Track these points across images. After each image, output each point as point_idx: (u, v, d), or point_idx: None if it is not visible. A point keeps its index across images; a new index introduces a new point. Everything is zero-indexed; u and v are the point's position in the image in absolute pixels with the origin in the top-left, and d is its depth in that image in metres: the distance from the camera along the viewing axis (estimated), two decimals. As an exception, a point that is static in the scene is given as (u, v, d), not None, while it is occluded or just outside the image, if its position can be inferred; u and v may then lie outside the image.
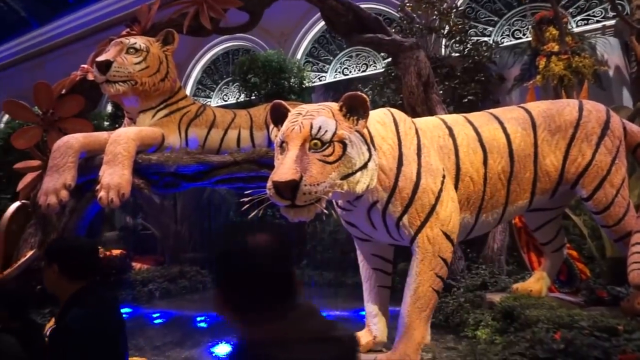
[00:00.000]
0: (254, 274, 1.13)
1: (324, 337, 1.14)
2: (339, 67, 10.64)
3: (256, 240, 1.16)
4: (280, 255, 1.19)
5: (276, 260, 1.17)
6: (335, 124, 2.88)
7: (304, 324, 1.14)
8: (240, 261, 1.15)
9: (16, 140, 5.94)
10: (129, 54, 5.20)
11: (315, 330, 1.14)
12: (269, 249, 1.17)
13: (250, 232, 1.20)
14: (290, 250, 1.27)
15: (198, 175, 5.08)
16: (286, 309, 1.14)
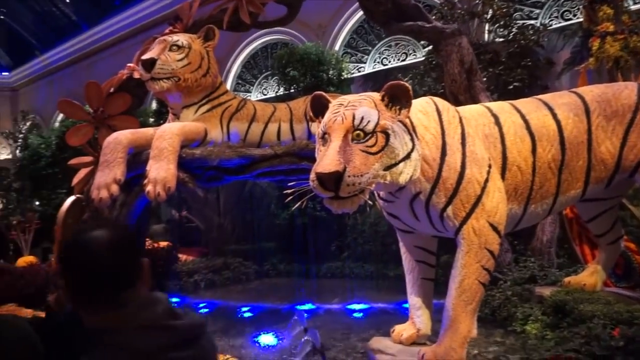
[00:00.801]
0: (87, 268, 1.22)
1: (161, 325, 1.17)
2: (378, 57, 10.49)
3: (89, 238, 1.24)
4: (114, 251, 1.24)
5: (109, 255, 1.23)
6: (378, 114, 2.84)
7: (143, 313, 1.18)
8: (76, 257, 1.25)
9: (70, 138, 6.24)
10: (172, 51, 5.32)
11: (152, 318, 1.18)
12: (102, 245, 1.23)
13: (86, 231, 1.28)
14: (128, 246, 1.31)
15: (240, 169, 5.15)
16: (125, 298, 1.20)
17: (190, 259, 8.53)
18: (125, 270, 1.25)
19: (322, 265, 8.23)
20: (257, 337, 4.78)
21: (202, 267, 7.88)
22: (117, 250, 1.25)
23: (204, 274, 7.68)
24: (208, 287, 7.54)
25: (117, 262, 1.24)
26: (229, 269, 8.11)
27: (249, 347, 4.55)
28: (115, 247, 1.25)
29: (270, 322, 5.27)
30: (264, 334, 4.85)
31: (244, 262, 8.43)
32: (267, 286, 7.91)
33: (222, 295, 7.08)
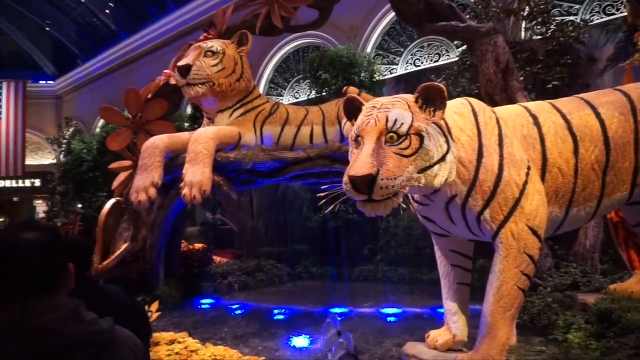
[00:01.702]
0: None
1: (53, 329, 1.16)
2: (411, 59, 10.39)
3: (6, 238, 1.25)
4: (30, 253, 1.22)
5: (23, 257, 1.22)
6: (412, 116, 2.80)
7: (43, 315, 1.17)
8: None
9: (110, 143, 6.48)
10: (206, 57, 5.45)
11: (49, 322, 1.17)
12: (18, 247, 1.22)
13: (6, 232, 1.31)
14: (48, 250, 1.26)
15: (273, 172, 5.21)
16: (36, 301, 1.19)
17: (224, 261, 8.66)
18: (41, 274, 1.22)
19: (355, 269, 8.18)
20: (291, 339, 4.80)
21: (236, 269, 7.98)
22: (33, 252, 1.22)
23: (237, 276, 7.77)
24: (242, 289, 7.63)
25: (30, 265, 1.22)
26: (263, 271, 8.18)
27: (283, 349, 4.56)
28: (31, 249, 1.23)
29: (304, 324, 5.27)
30: (297, 336, 4.86)
31: (277, 264, 8.49)
32: (300, 289, 7.93)
33: (255, 297, 7.16)
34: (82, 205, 13.48)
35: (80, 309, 1.24)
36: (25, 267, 1.21)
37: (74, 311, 1.22)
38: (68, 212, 13.31)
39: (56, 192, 14.77)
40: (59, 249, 1.30)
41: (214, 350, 3.77)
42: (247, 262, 8.41)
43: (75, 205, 13.73)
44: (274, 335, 5.02)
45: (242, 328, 5.33)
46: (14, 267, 1.20)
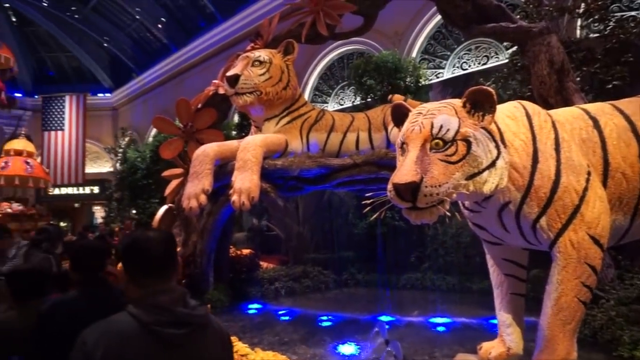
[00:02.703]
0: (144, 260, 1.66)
1: (166, 307, 1.52)
2: (457, 62, 10.17)
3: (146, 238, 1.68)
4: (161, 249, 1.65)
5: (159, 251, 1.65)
6: (458, 121, 2.73)
7: (160, 295, 1.55)
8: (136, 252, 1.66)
9: (163, 152, 6.74)
10: (254, 66, 5.57)
11: (164, 301, 1.53)
12: (154, 244, 1.67)
13: (143, 234, 1.72)
14: (171, 247, 1.70)
15: (319, 179, 5.23)
16: (160, 283, 1.61)
17: (271, 266, 8.77)
18: (163, 262, 1.63)
19: (402, 276, 8.05)
20: (338, 346, 4.77)
21: (283, 274, 8.06)
22: (159, 245, 1.63)
23: (284, 282, 7.84)
24: (288, 294, 7.68)
25: (158, 254, 1.62)
26: (309, 277, 8.21)
27: (330, 356, 4.54)
28: (158, 243, 1.64)
29: (350, 332, 5.23)
30: (344, 343, 4.83)
31: (322, 270, 8.49)
32: (346, 296, 7.90)
33: (302, 303, 7.18)
34: (136, 211, 14.12)
35: (186, 295, 1.60)
36: (154, 256, 1.60)
37: (181, 296, 1.57)
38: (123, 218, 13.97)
39: (112, 199, 15.55)
40: (174, 244, 1.70)
41: (264, 355, 3.81)
42: (293, 268, 8.46)
43: (130, 211, 14.40)
44: (321, 341, 5.01)
45: (289, 334, 5.35)
46: (147, 256, 1.59)
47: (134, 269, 1.60)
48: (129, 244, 1.65)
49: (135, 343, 1.45)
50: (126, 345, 1.45)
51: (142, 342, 1.45)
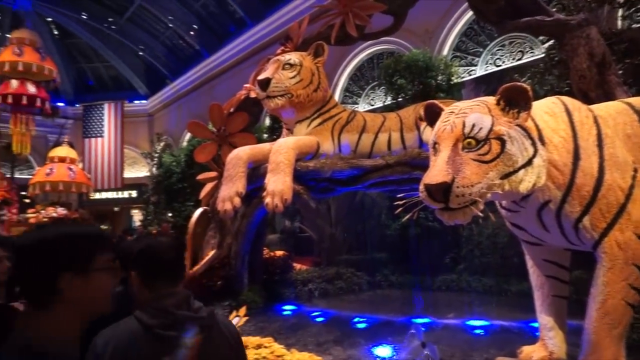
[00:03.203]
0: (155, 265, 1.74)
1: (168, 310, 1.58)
2: (491, 59, 9.94)
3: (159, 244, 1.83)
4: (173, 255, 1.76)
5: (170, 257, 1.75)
6: (492, 119, 2.67)
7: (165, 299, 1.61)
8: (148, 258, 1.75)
9: (197, 155, 6.90)
10: (284, 69, 5.62)
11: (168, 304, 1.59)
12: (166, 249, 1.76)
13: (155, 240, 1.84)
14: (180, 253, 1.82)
15: (352, 180, 5.23)
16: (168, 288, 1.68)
17: (304, 268, 8.80)
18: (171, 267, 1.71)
19: (436, 278, 7.93)
20: (373, 348, 4.74)
21: (316, 276, 8.07)
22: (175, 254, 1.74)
23: (317, 283, 7.85)
24: (322, 296, 7.68)
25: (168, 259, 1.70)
26: (342, 278, 8.19)
27: (365, 358, 4.52)
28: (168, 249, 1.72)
29: (385, 334, 5.19)
30: (379, 345, 4.79)
31: (356, 272, 8.46)
32: (379, 297, 7.84)
33: (335, 304, 7.17)
34: (172, 214, 14.47)
35: (190, 298, 1.65)
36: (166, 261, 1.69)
37: (185, 298, 1.62)
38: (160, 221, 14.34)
39: (149, 202, 15.98)
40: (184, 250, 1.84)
41: (299, 357, 3.83)
42: (326, 270, 8.47)
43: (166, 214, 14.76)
44: (355, 343, 4.99)
45: (324, 335, 5.35)
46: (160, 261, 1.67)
47: (146, 273, 1.67)
48: (143, 248, 1.71)
49: (140, 345, 1.51)
50: (131, 347, 1.51)
51: (146, 344, 1.52)
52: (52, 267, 1.17)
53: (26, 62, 12.92)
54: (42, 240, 1.21)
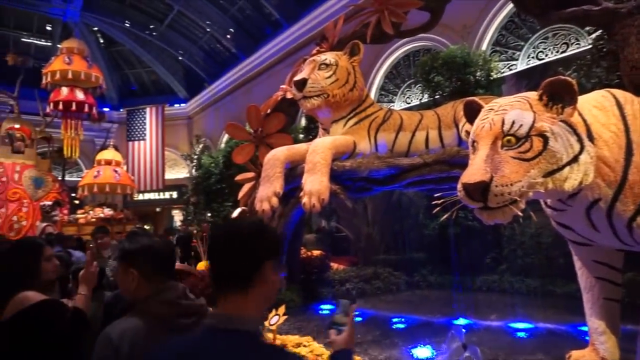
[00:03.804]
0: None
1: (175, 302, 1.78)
2: (533, 52, 9.60)
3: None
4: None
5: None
6: (533, 116, 2.58)
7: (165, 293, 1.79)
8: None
9: (235, 157, 7.02)
10: (320, 69, 5.63)
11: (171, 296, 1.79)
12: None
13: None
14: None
15: (389, 179, 5.17)
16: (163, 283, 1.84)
17: (341, 267, 8.80)
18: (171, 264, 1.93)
19: (477, 278, 7.74)
20: (412, 349, 4.68)
21: (353, 275, 8.06)
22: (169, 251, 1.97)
23: (354, 283, 7.84)
24: (359, 295, 7.65)
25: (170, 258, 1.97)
26: (379, 278, 8.14)
27: (404, 359, 4.47)
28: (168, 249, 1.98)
29: (424, 334, 5.11)
30: (418, 346, 4.73)
31: (393, 272, 8.38)
32: (418, 297, 7.73)
33: (373, 304, 7.13)
34: (211, 215, 14.81)
35: (186, 290, 1.81)
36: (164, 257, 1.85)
37: (183, 290, 1.78)
38: (200, 221, 14.70)
39: (189, 203, 16.42)
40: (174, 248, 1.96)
41: (338, 356, 3.82)
42: (364, 269, 8.43)
43: (205, 215, 15.13)
44: (394, 344, 4.94)
45: (362, 335, 5.33)
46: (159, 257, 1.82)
47: (147, 269, 1.79)
48: (142, 247, 1.83)
49: (155, 335, 1.61)
50: (148, 338, 1.61)
51: (159, 334, 1.62)
52: (261, 256, 1.31)
53: (75, 71, 13.57)
54: (251, 235, 1.34)
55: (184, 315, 1.73)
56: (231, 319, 1.23)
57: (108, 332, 1.62)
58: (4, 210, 12.75)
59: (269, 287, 1.32)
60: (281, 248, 1.41)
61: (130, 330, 1.63)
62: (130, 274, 1.77)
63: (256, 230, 1.35)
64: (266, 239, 1.35)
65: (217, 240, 1.36)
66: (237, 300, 1.28)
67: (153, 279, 1.78)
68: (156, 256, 1.83)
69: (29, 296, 2.24)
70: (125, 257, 1.81)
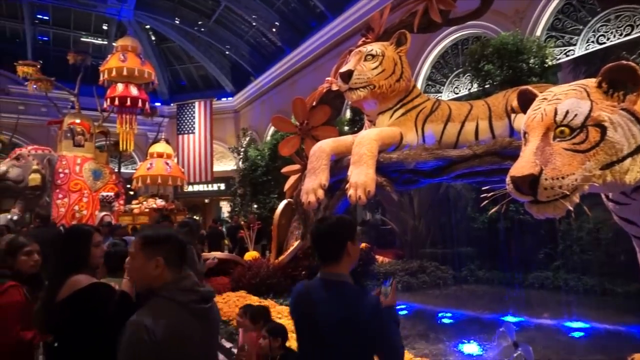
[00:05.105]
0: None
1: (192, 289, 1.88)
2: (592, 36, 9.03)
3: None
4: None
5: None
6: (590, 104, 2.42)
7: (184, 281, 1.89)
8: None
9: (282, 149, 7.11)
10: (366, 60, 5.57)
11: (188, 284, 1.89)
12: None
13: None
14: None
15: (436, 171, 5.06)
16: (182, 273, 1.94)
17: (386, 260, 8.74)
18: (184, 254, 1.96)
19: (529, 274, 7.45)
20: (460, 345, 4.59)
21: (399, 269, 7.99)
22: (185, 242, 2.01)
23: (400, 276, 7.77)
24: (405, 289, 7.59)
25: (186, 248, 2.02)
26: (425, 272, 8.03)
27: (451, 354, 4.39)
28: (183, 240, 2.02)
29: (472, 331, 5.00)
30: (466, 342, 4.63)
31: (440, 266, 8.24)
32: (465, 293, 7.56)
33: (419, 298, 7.04)
34: (257, 206, 15.11)
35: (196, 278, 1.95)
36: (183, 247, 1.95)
37: (195, 280, 1.90)
38: (246, 212, 15.04)
39: (236, 195, 16.81)
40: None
41: (384, 348, 3.81)
42: (409, 263, 8.34)
43: (252, 206, 15.45)
44: (440, 338, 4.87)
45: (407, 329, 5.28)
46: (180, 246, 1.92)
47: (173, 257, 1.86)
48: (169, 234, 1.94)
49: (183, 319, 1.76)
50: (179, 321, 1.74)
51: (185, 318, 1.78)
52: (343, 240, 2.00)
53: (129, 67, 14.18)
54: (340, 224, 2.05)
55: (202, 301, 1.85)
56: (331, 275, 2.00)
57: (140, 318, 1.68)
58: (67, 200, 13.59)
59: (351, 257, 2.02)
60: (355, 229, 2.11)
61: (161, 315, 1.71)
62: (155, 260, 1.81)
63: (339, 224, 2.05)
64: (345, 228, 2.04)
65: (318, 233, 2.07)
66: (334, 266, 2.01)
67: (173, 267, 1.85)
68: (180, 245, 1.91)
69: (80, 279, 2.41)
70: (152, 243, 1.86)
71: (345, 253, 1.99)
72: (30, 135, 19.10)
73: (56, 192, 13.49)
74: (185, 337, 1.75)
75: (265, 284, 6.41)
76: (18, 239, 3.21)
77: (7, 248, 3.10)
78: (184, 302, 1.79)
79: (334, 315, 1.88)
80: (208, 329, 1.89)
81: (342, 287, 1.95)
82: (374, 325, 1.84)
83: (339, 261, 2.00)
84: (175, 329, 1.71)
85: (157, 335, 1.64)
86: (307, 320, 2.02)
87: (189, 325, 1.77)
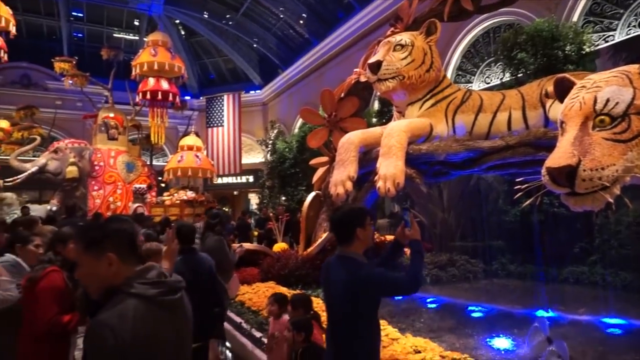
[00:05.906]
0: None
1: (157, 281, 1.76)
2: (634, 20, 8.62)
3: None
4: None
5: None
6: (633, 92, 2.33)
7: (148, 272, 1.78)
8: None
9: (310, 141, 7.13)
10: (395, 51, 5.50)
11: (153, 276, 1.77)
12: None
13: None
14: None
15: (467, 163, 4.97)
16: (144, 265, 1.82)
17: (414, 253, 8.65)
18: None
19: (563, 269, 7.24)
20: (491, 339, 4.51)
21: (428, 262, 7.89)
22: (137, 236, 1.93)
23: (429, 269, 7.68)
24: (434, 282, 7.50)
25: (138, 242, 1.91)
26: (455, 265, 7.91)
27: (482, 348, 4.31)
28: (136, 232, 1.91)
29: (503, 325, 4.90)
30: (497, 337, 4.55)
31: (470, 259, 8.10)
32: (496, 287, 7.42)
33: (448, 292, 6.95)
34: (286, 198, 15.22)
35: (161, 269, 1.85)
36: (136, 241, 1.85)
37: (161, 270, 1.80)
38: (275, 204, 15.18)
39: (265, 187, 16.98)
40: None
41: (414, 341, 3.80)
42: (439, 256, 8.24)
43: (280, 198, 15.58)
44: (470, 332, 4.79)
45: (436, 322, 5.24)
46: (134, 241, 1.82)
47: (125, 252, 1.72)
48: (117, 230, 1.75)
49: (151, 315, 1.65)
50: (146, 319, 1.62)
51: (154, 313, 1.66)
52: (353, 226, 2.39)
53: (160, 62, 14.48)
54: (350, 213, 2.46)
55: (170, 292, 1.74)
56: (344, 252, 2.42)
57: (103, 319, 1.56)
58: (102, 191, 14.05)
59: (361, 240, 2.40)
60: (365, 217, 2.44)
61: (128, 311, 1.58)
62: (106, 258, 1.66)
63: (349, 212, 2.48)
64: (355, 216, 2.42)
65: (333, 220, 2.55)
66: (347, 247, 2.41)
67: (129, 259, 1.72)
68: (128, 234, 1.76)
69: None
70: (95, 242, 1.70)
71: (355, 237, 2.36)
72: (67, 129, 19.82)
73: (92, 184, 13.96)
74: (156, 334, 1.64)
75: (294, 275, 6.47)
76: (64, 229, 3.40)
77: (58, 237, 3.31)
78: (151, 295, 1.66)
79: (339, 278, 2.34)
80: (179, 323, 1.77)
81: (350, 261, 2.36)
82: (368, 286, 2.30)
83: (351, 243, 2.38)
84: (144, 328, 1.59)
85: (125, 337, 1.52)
86: (325, 284, 2.56)
87: (159, 321, 1.66)
